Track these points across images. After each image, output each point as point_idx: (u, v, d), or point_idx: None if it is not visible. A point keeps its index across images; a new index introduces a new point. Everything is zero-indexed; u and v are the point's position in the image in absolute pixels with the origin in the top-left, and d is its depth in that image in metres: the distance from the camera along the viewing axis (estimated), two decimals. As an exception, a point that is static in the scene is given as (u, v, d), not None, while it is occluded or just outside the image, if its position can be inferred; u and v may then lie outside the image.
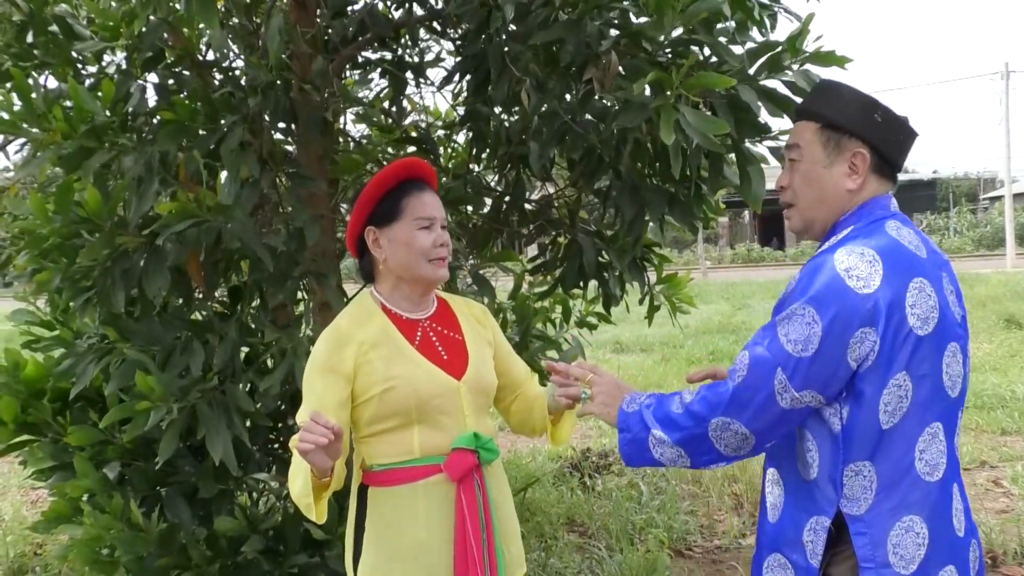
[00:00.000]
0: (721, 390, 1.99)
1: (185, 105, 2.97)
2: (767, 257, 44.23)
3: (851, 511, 1.93)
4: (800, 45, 2.90)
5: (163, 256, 3.04)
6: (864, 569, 1.91)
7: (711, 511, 5.65)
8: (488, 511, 2.30)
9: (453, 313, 2.48)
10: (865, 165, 2.07)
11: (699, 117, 2.72)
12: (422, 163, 2.42)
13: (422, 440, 2.29)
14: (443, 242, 2.33)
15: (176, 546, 3.20)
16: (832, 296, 1.88)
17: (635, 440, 2.10)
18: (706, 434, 2.00)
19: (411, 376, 2.28)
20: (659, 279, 4.35)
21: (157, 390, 2.92)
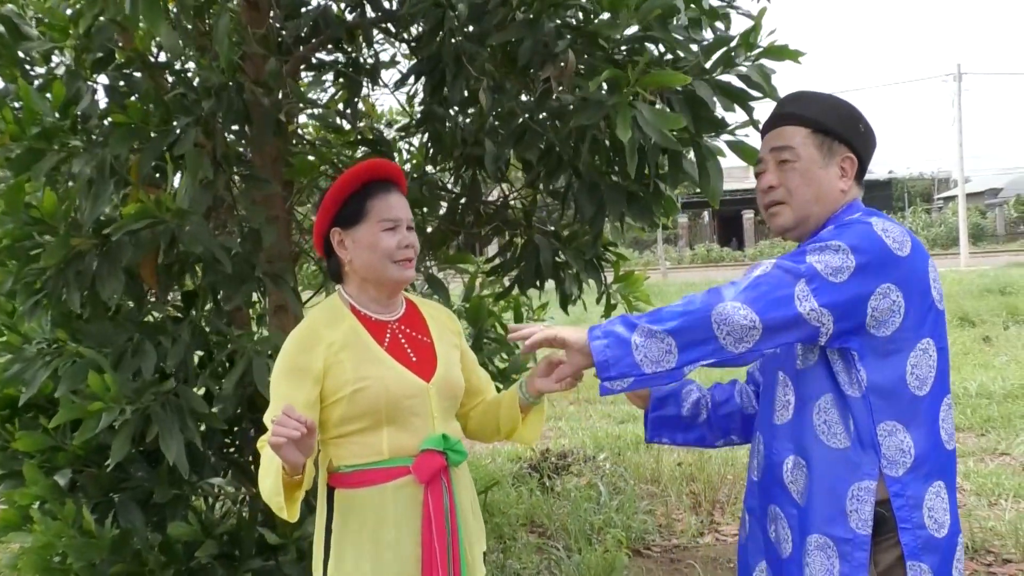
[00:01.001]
0: (736, 284, 2.01)
1: (137, 107, 2.94)
2: (726, 257, 44.54)
3: (890, 472, 2.02)
4: (754, 40, 2.93)
5: (117, 258, 3.01)
6: (903, 530, 2.00)
7: (669, 510, 5.68)
8: (455, 513, 2.30)
9: (422, 316, 2.48)
10: (853, 170, 2.22)
11: (655, 113, 2.74)
12: (389, 164, 2.42)
13: (391, 442, 2.28)
14: (408, 243, 2.32)
15: (129, 552, 3.16)
16: (869, 245, 2.01)
17: (615, 344, 1.99)
18: (708, 318, 1.96)
19: (381, 377, 2.27)
20: (616, 278, 4.37)
21: (112, 389, 2.88)
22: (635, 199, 3.42)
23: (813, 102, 2.24)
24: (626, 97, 2.75)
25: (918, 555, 2.00)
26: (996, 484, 5.86)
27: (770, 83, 2.94)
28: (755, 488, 2.29)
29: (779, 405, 2.19)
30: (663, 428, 2.51)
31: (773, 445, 2.19)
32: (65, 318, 3.15)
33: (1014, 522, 5.05)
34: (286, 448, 1.99)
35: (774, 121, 2.29)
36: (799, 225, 2.23)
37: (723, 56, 2.98)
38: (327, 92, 4.39)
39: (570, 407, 9.39)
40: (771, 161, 2.24)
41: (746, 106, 3.03)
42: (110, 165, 2.98)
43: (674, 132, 2.80)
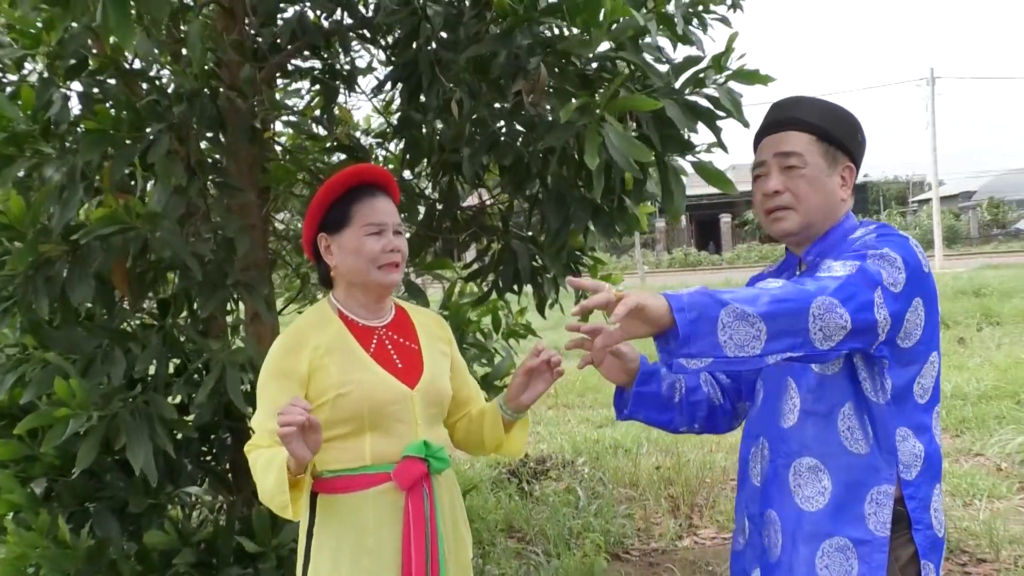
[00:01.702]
0: (830, 275, 1.94)
1: (108, 113, 2.92)
2: (704, 261, 44.77)
3: (905, 476, 2.08)
4: (725, 62, 2.96)
5: (87, 264, 2.99)
6: (916, 531, 2.08)
7: (648, 514, 5.69)
8: (435, 521, 2.29)
9: (411, 322, 2.47)
10: (853, 179, 2.25)
11: (623, 139, 2.77)
12: (375, 169, 2.42)
13: (373, 448, 2.28)
14: (393, 248, 2.31)
15: (105, 562, 3.14)
16: (912, 260, 2.03)
17: (700, 319, 1.79)
18: (807, 310, 1.86)
19: (365, 382, 2.27)
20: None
21: (78, 396, 2.86)
22: (600, 213, 3.44)
23: (818, 109, 2.25)
24: (595, 121, 2.77)
25: (928, 555, 2.08)
26: (971, 484, 5.91)
27: (739, 109, 2.97)
28: (756, 493, 2.28)
29: (786, 409, 2.20)
30: (642, 405, 2.41)
31: (781, 449, 2.20)
32: (34, 324, 3.13)
33: (988, 522, 5.09)
34: (295, 441, 2.00)
35: (777, 125, 2.28)
36: (803, 231, 2.24)
37: (693, 77, 3.01)
38: (303, 99, 4.38)
39: (548, 412, 9.39)
40: (775, 166, 2.24)
41: (714, 127, 3.06)
42: (81, 171, 2.96)
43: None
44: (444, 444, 2.39)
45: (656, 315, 1.79)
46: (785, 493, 2.18)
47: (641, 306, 1.78)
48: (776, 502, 2.20)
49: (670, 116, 2.91)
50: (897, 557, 2.08)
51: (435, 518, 2.30)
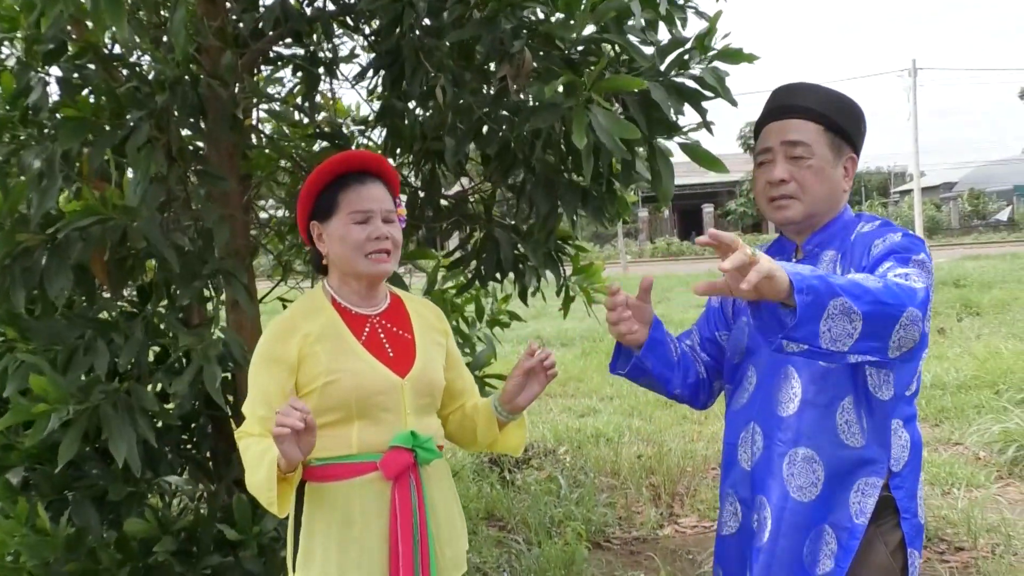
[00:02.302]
0: (907, 285, 1.91)
1: (87, 101, 2.90)
2: (687, 251, 44.82)
3: (895, 468, 2.14)
4: (709, 43, 2.95)
5: (66, 254, 2.96)
6: (904, 520, 2.14)
7: (629, 503, 5.71)
8: (423, 511, 2.28)
9: (406, 311, 2.46)
10: (854, 170, 2.28)
11: (610, 119, 2.75)
12: (365, 155, 2.39)
13: (361, 436, 2.27)
14: (380, 235, 2.28)
15: (84, 550, 3.13)
16: (930, 262, 2.10)
17: (813, 304, 1.76)
18: (899, 317, 1.84)
19: (354, 370, 2.27)
20: (575, 270, 4.38)
21: (52, 392, 2.83)
22: (589, 197, 3.43)
23: (826, 98, 2.24)
24: (582, 102, 2.76)
25: (913, 542, 2.15)
26: (949, 473, 5.95)
27: (724, 86, 2.95)
28: (746, 477, 2.29)
29: (784, 398, 2.20)
30: (653, 352, 2.34)
31: (775, 436, 2.21)
32: (13, 315, 3.10)
33: (967, 511, 5.13)
34: (288, 443, 2.00)
35: (783, 111, 2.27)
36: (805, 220, 2.26)
37: (678, 58, 3.00)
38: (285, 86, 4.35)
39: (531, 401, 9.38)
40: (780, 153, 2.24)
41: (700, 108, 3.05)
42: (60, 159, 2.93)
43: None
44: (434, 435, 2.37)
45: (777, 288, 1.75)
46: (778, 481, 2.19)
47: (771, 275, 1.72)
48: (767, 488, 2.22)
49: (656, 98, 2.89)
50: (886, 543, 2.12)
51: (424, 509, 2.29)
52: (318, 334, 2.30)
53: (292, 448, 2.01)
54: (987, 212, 52.30)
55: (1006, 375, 8.31)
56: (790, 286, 1.74)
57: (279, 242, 4.60)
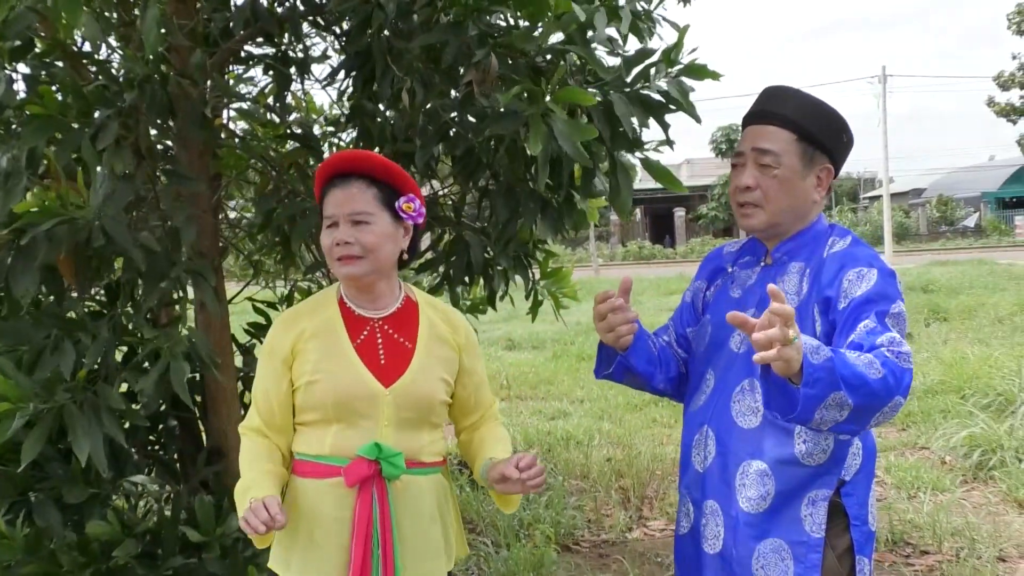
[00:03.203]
0: (900, 370, 1.93)
1: (53, 98, 2.87)
2: (658, 255, 45.03)
3: (844, 477, 2.13)
4: (676, 57, 2.98)
5: (32, 254, 2.93)
6: (854, 527, 2.13)
7: (598, 506, 5.72)
8: (387, 525, 2.25)
9: (417, 319, 2.39)
10: (829, 180, 2.25)
11: (570, 125, 2.76)
12: (347, 155, 2.33)
13: (335, 439, 2.27)
14: (340, 240, 2.24)
15: (44, 552, 3.10)
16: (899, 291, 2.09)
17: (815, 397, 1.82)
18: (882, 407, 1.91)
19: (336, 373, 2.26)
20: (543, 274, 4.39)
21: (13, 393, 2.80)
22: (549, 207, 3.44)
23: (802, 106, 2.22)
24: (540, 110, 2.77)
25: (862, 549, 2.14)
26: (915, 478, 6.00)
27: (688, 100, 2.99)
28: (699, 480, 2.30)
29: (745, 409, 2.20)
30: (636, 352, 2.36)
31: (731, 445, 2.21)
32: (-22, 314, 3.06)
33: (932, 514, 5.18)
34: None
35: (760, 116, 2.26)
36: (769, 229, 2.26)
37: (643, 71, 3.02)
38: (257, 86, 4.33)
39: (501, 403, 9.39)
40: (751, 159, 2.23)
41: (663, 121, 3.07)
42: (27, 157, 2.90)
43: (588, 147, 2.83)
44: (413, 450, 2.31)
45: (790, 370, 1.81)
46: (730, 489, 2.20)
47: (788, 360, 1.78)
48: (719, 494, 2.23)
49: (618, 112, 2.91)
50: (834, 547, 2.12)
51: (389, 523, 2.25)
52: (313, 331, 2.30)
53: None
54: (955, 218, 52.81)
55: (972, 380, 8.38)
56: (800, 371, 1.80)
57: (250, 242, 4.58)
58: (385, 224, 2.28)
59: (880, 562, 4.68)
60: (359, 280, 2.31)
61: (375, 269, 2.29)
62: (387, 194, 2.30)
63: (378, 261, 2.28)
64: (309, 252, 4.18)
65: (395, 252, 2.33)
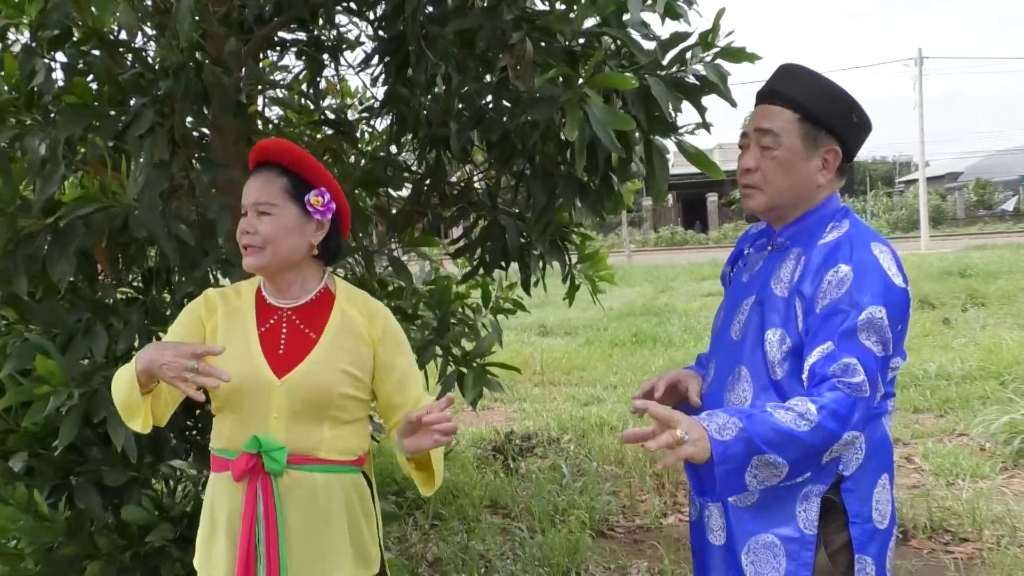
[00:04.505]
0: (848, 403, 1.91)
1: (87, 86, 2.88)
2: (691, 240, 44.87)
3: (844, 472, 2.04)
4: (713, 40, 2.94)
5: (68, 240, 2.96)
6: (854, 524, 2.04)
7: (633, 492, 5.70)
8: (271, 522, 2.18)
9: (330, 310, 2.32)
10: (836, 163, 2.15)
11: (606, 111, 2.74)
12: (261, 145, 2.30)
13: (230, 431, 2.25)
14: (244, 230, 2.21)
15: (84, 535, 3.13)
16: (892, 297, 2.00)
17: (735, 470, 1.87)
18: (827, 449, 1.93)
19: (232, 361, 2.18)
20: (580, 257, 4.37)
21: (57, 374, 2.83)
22: (587, 191, 3.42)
23: (808, 85, 2.14)
24: (576, 95, 2.75)
25: (864, 547, 2.04)
26: (954, 464, 5.94)
27: (725, 84, 2.95)
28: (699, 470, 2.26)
29: (735, 399, 2.16)
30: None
31: None
32: (13, 297, 3.09)
33: (971, 502, 5.13)
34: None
35: (766, 95, 2.19)
36: (770, 212, 2.20)
37: (679, 54, 2.99)
38: (291, 72, 4.34)
39: (534, 389, 9.40)
40: (754, 140, 2.17)
41: (699, 105, 3.04)
42: (64, 145, 2.92)
43: (623, 131, 2.81)
44: (308, 445, 2.22)
45: (701, 459, 1.86)
46: None
47: (691, 457, 1.85)
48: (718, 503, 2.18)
49: (655, 94, 2.88)
50: (827, 544, 2.05)
51: (273, 520, 2.18)
52: (225, 314, 2.29)
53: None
54: (993, 202, 52.21)
55: (1011, 366, 8.29)
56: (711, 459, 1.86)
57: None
58: (289, 216, 2.23)
59: (919, 549, 4.64)
60: (260, 271, 2.28)
61: (274, 261, 2.23)
62: (297, 186, 2.25)
63: (278, 254, 2.22)
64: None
65: (300, 245, 2.26)
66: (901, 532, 4.79)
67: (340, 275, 4.34)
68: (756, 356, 2.12)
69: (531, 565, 4.47)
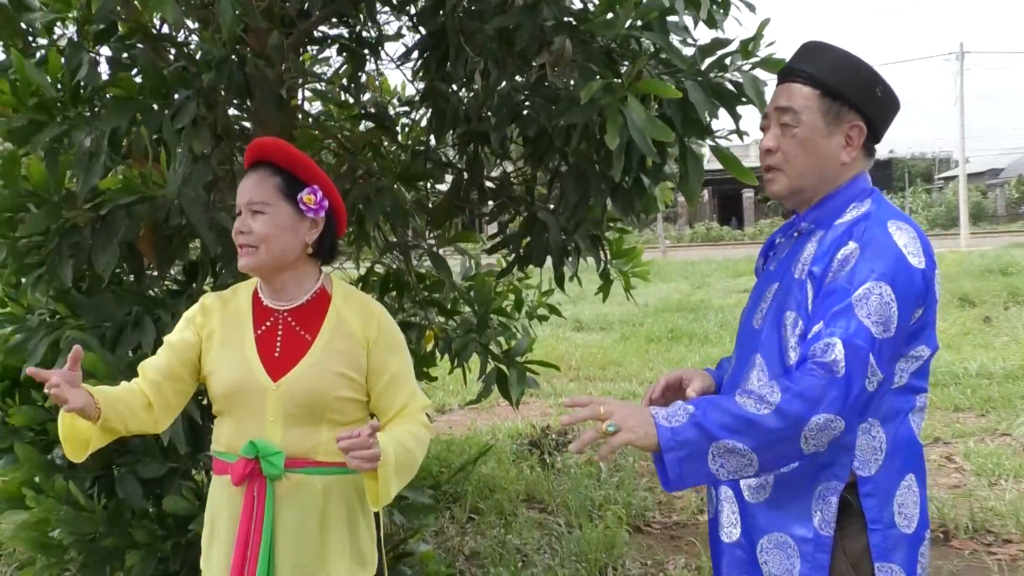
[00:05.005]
0: (817, 384, 1.80)
1: (131, 80, 2.91)
2: (726, 236, 44.60)
3: (862, 472, 1.93)
4: (753, 49, 2.94)
5: (113, 231, 2.99)
6: (873, 531, 1.92)
7: (669, 488, 5.67)
8: (260, 527, 2.17)
9: (325, 311, 2.30)
10: (861, 139, 2.04)
11: (645, 120, 2.74)
12: (255, 144, 2.29)
13: (228, 434, 2.26)
14: (237, 229, 2.20)
15: (124, 525, 3.17)
16: (901, 274, 1.87)
17: (690, 457, 1.81)
18: (799, 435, 1.80)
19: (228, 365, 2.22)
20: (616, 253, 4.36)
21: (101, 368, 2.86)
22: (619, 191, 3.41)
23: (827, 59, 2.04)
24: (616, 101, 2.75)
25: (887, 555, 1.93)
26: (996, 464, 5.87)
27: (762, 97, 2.94)
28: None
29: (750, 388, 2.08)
30: None
31: None
32: (63, 291, 3.13)
33: (1015, 502, 5.06)
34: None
35: (784, 74, 2.12)
36: (793, 195, 2.10)
37: (718, 60, 3.00)
38: (331, 67, 4.36)
39: (570, 384, 9.39)
40: (774, 120, 2.08)
41: (734, 113, 3.03)
42: (108, 137, 2.95)
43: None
44: (305, 448, 2.21)
45: (646, 446, 1.84)
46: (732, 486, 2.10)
47: (626, 443, 1.83)
48: (731, 481, 2.08)
49: (692, 99, 2.88)
50: (845, 549, 1.95)
51: (262, 524, 2.17)
52: (221, 318, 2.29)
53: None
54: (1035, 199, 51.45)
55: (1055, 365, 8.18)
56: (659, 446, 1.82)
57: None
58: (283, 215, 2.21)
59: (960, 550, 4.58)
60: (255, 272, 2.26)
61: (269, 261, 2.21)
62: (291, 184, 2.23)
63: (272, 253, 2.20)
64: (382, 233, 4.20)
65: (295, 244, 2.24)
66: (942, 532, 4.74)
67: (380, 271, 4.37)
68: (772, 342, 2.04)
69: (568, 560, 4.47)
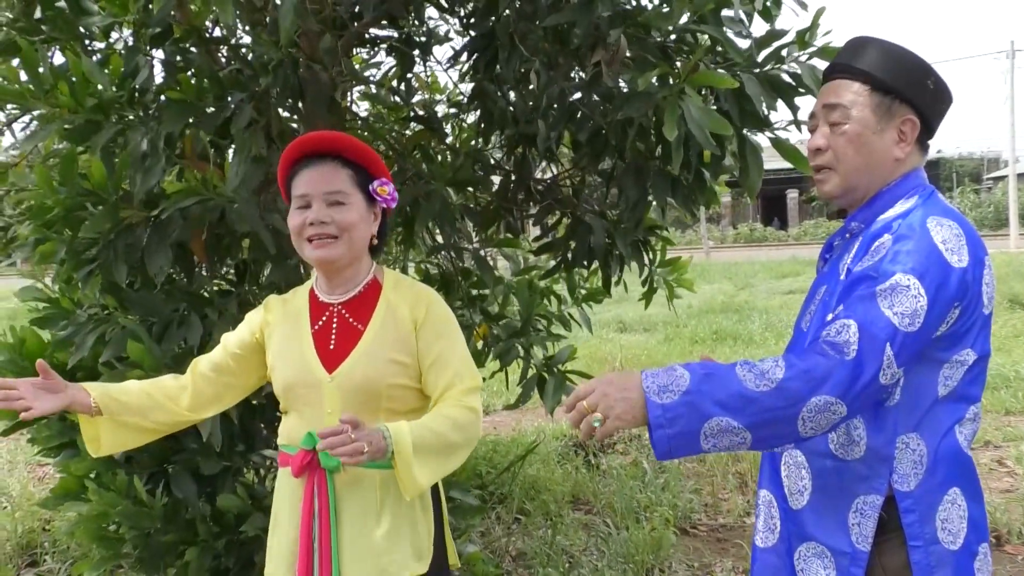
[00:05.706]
0: (824, 364, 1.74)
1: (190, 83, 2.96)
2: (769, 237, 44.24)
3: (901, 487, 1.87)
4: (810, 39, 2.92)
5: (166, 232, 3.04)
6: (913, 548, 1.86)
7: (715, 490, 5.65)
8: (326, 519, 2.18)
9: (376, 301, 2.30)
10: (914, 134, 1.98)
11: (703, 112, 2.73)
12: (316, 136, 2.28)
13: (289, 427, 2.29)
14: (314, 220, 2.18)
15: (181, 521, 3.21)
16: (935, 270, 1.80)
17: (681, 434, 1.74)
18: (797, 415, 1.73)
19: (286, 361, 2.25)
20: (660, 261, 4.35)
21: (147, 360, 2.91)
22: (679, 186, 3.40)
23: (875, 53, 1.97)
24: (674, 93, 2.74)
25: (930, 572, 1.85)
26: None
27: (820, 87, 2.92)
28: (760, 468, 2.17)
29: None
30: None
31: None
32: (113, 286, 3.18)
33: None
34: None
35: (831, 71, 2.07)
36: (846, 194, 2.04)
37: (775, 52, 2.98)
38: (380, 69, 4.39)
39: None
40: (822, 118, 2.03)
41: (792, 103, 3.02)
42: (164, 140, 3.00)
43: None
44: None
45: (637, 423, 1.77)
46: (778, 481, 2.07)
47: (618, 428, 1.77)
48: (772, 484, 2.09)
49: (749, 92, 2.87)
50: (884, 566, 1.89)
51: (326, 516, 2.18)
52: (281, 317, 2.33)
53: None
54: (1087, 200, 50.47)
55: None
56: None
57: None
58: (361, 206, 2.24)
59: (1013, 555, 4.52)
60: (332, 264, 2.24)
61: (349, 251, 2.23)
62: (361, 176, 2.25)
63: (352, 242, 2.23)
64: (431, 235, 4.22)
65: (367, 236, 2.27)
66: (995, 537, 4.68)
67: (426, 270, 4.39)
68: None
69: (615, 561, 4.46)
